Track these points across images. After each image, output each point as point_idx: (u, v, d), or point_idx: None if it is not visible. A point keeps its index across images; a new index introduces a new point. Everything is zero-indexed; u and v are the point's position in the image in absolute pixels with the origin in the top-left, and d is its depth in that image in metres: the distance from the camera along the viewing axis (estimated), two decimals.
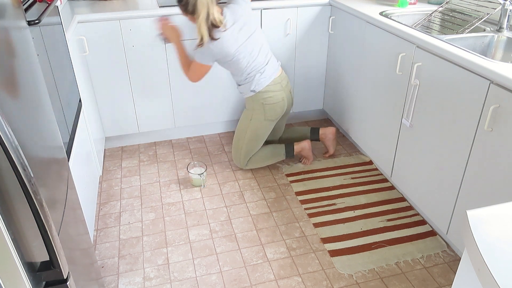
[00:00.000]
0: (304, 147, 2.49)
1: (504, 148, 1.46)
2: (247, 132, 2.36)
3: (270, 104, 2.28)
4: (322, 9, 2.64)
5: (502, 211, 0.77)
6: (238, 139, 2.41)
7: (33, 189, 0.87)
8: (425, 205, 1.98)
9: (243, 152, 2.41)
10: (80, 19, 2.28)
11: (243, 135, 2.37)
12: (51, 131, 1.22)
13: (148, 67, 2.52)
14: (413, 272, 1.82)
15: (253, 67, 2.21)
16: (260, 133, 2.36)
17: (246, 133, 2.36)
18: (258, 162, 2.46)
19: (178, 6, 2.09)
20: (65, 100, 1.78)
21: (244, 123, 2.36)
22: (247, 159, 2.43)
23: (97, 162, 2.34)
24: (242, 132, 2.38)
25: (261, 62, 2.22)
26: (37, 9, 1.57)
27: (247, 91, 2.28)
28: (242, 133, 2.38)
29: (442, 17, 2.32)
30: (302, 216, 2.14)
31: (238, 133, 2.41)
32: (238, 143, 2.41)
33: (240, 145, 2.41)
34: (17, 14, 1.10)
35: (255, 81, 2.23)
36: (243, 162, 2.44)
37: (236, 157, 2.46)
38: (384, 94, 2.19)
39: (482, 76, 1.53)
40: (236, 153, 2.44)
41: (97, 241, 2.01)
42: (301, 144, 2.49)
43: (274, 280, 1.79)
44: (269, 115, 2.31)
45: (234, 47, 2.13)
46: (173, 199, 2.28)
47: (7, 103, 0.90)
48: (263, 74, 2.23)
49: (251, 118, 2.33)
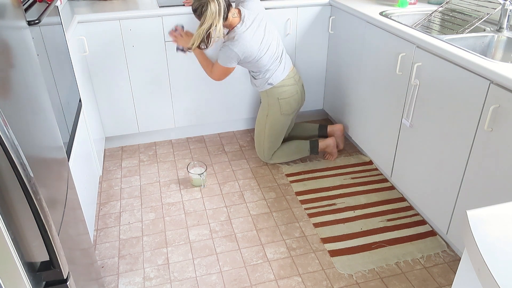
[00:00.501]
0: (329, 144, 2.55)
1: (504, 148, 1.46)
2: (265, 128, 2.43)
3: (285, 98, 2.35)
4: (322, 9, 2.64)
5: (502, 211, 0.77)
6: (259, 135, 2.47)
7: (33, 189, 0.87)
8: (425, 205, 1.98)
9: (266, 147, 2.47)
10: (80, 19, 2.28)
11: (263, 131, 2.44)
12: (51, 131, 1.22)
13: (148, 67, 2.52)
14: (413, 272, 1.82)
15: (273, 61, 2.26)
16: (279, 128, 2.43)
17: (265, 129, 2.43)
18: (283, 157, 2.52)
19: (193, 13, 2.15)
20: (65, 100, 1.78)
21: (262, 120, 2.43)
22: (271, 153, 2.50)
23: (97, 162, 2.34)
24: (261, 128, 2.45)
25: (279, 55, 2.29)
26: (37, 9, 1.57)
27: (263, 84, 2.32)
28: (261, 129, 2.45)
29: (442, 17, 2.32)
30: (302, 216, 2.14)
31: (257, 129, 2.47)
32: (259, 138, 2.48)
33: (261, 141, 2.47)
34: (17, 14, 1.10)
35: (273, 74, 2.29)
36: (267, 157, 2.51)
37: (260, 152, 2.52)
38: (384, 94, 2.19)
39: (482, 76, 1.53)
40: (259, 148, 2.51)
41: (97, 241, 2.01)
42: (326, 142, 2.55)
43: (274, 280, 1.79)
44: (285, 109, 2.37)
45: (257, 45, 2.18)
46: (173, 199, 2.28)
47: (7, 103, 0.90)
48: (280, 67, 2.30)
49: (267, 114, 2.40)
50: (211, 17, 2.05)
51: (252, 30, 2.15)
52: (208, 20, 2.06)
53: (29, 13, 1.46)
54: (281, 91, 2.33)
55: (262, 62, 2.24)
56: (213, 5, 2.03)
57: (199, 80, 2.64)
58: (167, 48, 2.49)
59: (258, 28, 2.17)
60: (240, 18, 2.16)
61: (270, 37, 2.24)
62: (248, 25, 2.14)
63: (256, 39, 2.17)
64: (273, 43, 2.26)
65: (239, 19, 2.16)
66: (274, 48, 2.26)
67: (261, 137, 2.46)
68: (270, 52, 2.24)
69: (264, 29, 2.21)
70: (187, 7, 2.41)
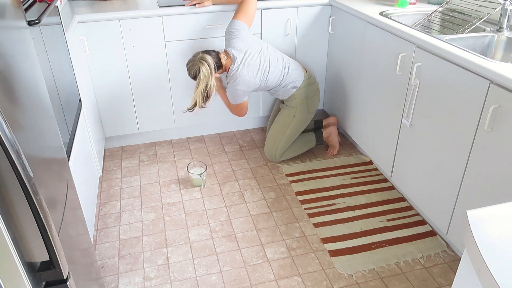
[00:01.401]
0: (331, 132, 2.63)
1: (504, 148, 1.46)
2: (289, 128, 2.49)
3: (312, 97, 2.47)
4: (322, 9, 2.64)
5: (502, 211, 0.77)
6: (277, 135, 2.51)
7: (33, 189, 0.87)
8: (425, 205, 1.98)
9: (280, 146, 2.51)
10: (80, 19, 2.28)
11: (284, 130, 2.49)
12: (51, 131, 1.22)
13: (148, 67, 2.52)
14: (413, 272, 1.82)
15: (282, 75, 2.37)
16: (300, 127, 2.52)
17: (288, 129, 2.49)
18: (292, 152, 2.57)
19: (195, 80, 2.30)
20: (65, 100, 1.78)
21: (287, 120, 2.48)
22: (282, 151, 2.54)
23: (97, 162, 2.34)
24: (283, 128, 2.50)
25: (285, 65, 2.38)
26: (37, 9, 1.57)
27: (288, 92, 2.43)
28: (283, 129, 2.49)
29: (442, 17, 2.32)
30: (302, 216, 2.14)
31: (278, 129, 2.51)
32: (277, 138, 2.51)
33: (278, 140, 2.51)
34: (17, 14, 1.10)
35: (292, 79, 2.38)
36: (278, 156, 2.54)
37: (271, 151, 2.54)
38: (384, 94, 2.19)
39: (482, 76, 1.53)
40: (273, 147, 2.53)
41: (97, 241, 2.01)
42: (328, 130, 2.63)
43: (274, 280, 1.79)
44: (311, 107, 2.49)
45: (255, 74, 2.30)
46: (173, 199, 2.28)
47: (7, 103, 0.90)
48: (294, 71, 2.39)
49: (295, 115, 2.46)
50: (205, 78, 2.23)
51: (245, 64, 2.28)
52: (203, 82, 2.23)
53: (29, 13, 1.46)
54: (307, 90, 2.44)
55: (271, 82, 2.37)
56: (204, 68, 2.22)
57: None
58: (167, 48, 2.50)
59: (251, 59, 2.29)
60: (231, 59, 2.30)
61: (267, 59, 2.33)
62: (239, 61, 2.28)
63: (253, 69, 2.29)
64: (273, 59, 2.34)
65: (231, 60, 2.30)
66: (275, 64, 2.34)
67: (279, 137, 2.50)
68: (273, 69, 2.34)
69: (258, 56, 2.31)
70: (187, 7, 2.41)
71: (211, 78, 2.24)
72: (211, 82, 2.24)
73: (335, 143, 2.64)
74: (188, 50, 2.53)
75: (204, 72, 2.21)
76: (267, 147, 2.56)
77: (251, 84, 2.31)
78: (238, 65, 2.27)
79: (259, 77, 2.30)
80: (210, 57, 2.24)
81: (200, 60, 2.23)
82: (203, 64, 2.22)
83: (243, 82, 2.29)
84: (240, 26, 2.30)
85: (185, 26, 2.45)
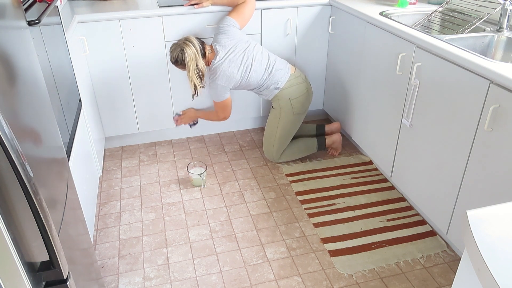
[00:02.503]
0: (335, 140, 2.61)
1: (504, 148, 1.46)
2: (277, 130, 2.47)
3: (296, 98, 2.41)
4: (322, 9, 2.64)
5: (502, 211, 0.77)
6: (269, 137, 2.50)
7: (33, 189, 0.87)
8: (425, 205, 1.98)
9: (275, 148, 2.51)
10: (80, 19, 2.28)
11: (274, 133, 2.48)
12: (51, 131, 1.22)
13: (148, 67, 2.52)
14: (413, 272, 1.82)
15: (265, 74, 2.35)
16: (291, 129, 2.49)
17: (277, 131, 2.47)
18: (292, 155, 2.55)
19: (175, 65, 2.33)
20: (65, 100, 1.78)
21: (274, 123, 2.47)
22: (280, 153, 2.53)
23: (97, 162, 2.34)
24: (272, 131, 2.48)
25: (270, 64, 2.36)
26: (37, 9, 1.57)
27: (271, 92, 2.41)
28: (272, 132, 2.48)
29: (442, 17, 2.32)
30: (302, 216, 2.14)
31: (268, 131, 2.50)
32: (269, 140, 2.51)
33: (271, 142, 2.51)
34: (17, 14, 1.10)
35: (275, 79, 2.36)
36: (276, 157, 2.54)
37: (268, 152, 2.54)
38: (384, 94, 2.19)
39: (482, 76, 1.53)
40: (268, 149, 2.53)
41: (97, 241, 2.01)
42: (332, 138, 2.61)
43: (274, 280, 1.79)
44: (297, 108, 2.43)
45: (236, 70, 2.29)
46: (173, 199, 2.28)
47: (7, 103, 0.90)
48: (278, 72, 2.36)
49: (280, 117, 2.44)
50: (193, 59, 2.24)
51: (226, 60, 2.28)
52: (191, 63, 2.25)
53: (29, 13, 1.46)
54: (291, 91, 2.39)
55: (253, 81, 2.35)
56: (188, 49, 2.23)
57: None
58: (167, 48, 2.50)
59: (234, 55, 2.29)
60: (214, 53, 2.32)
61: (251, 57, 2.32)
62: (221, 57, 2.28)
63: (234, 65, 2.29)
64: (257, 58, 2.33)
65: (214, 54, 2.32)
66: (259, 63, 2.33)
67: (271, 139, 2.49)
68: (256, 68, 2.32)
69: (242, 53, 2.30)
70: (186, 7, 2.41)
71: (198, 58, 2.25)
72: (200, 62, 2.25)
73: (338, 148, 2.64)
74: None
75: (190, 54, 2.22)
76: (264, 148, 2.57)
77: (231, 79, 2.30)
78: (219, 59, 2.27)
79: (240, 73, 2.30)
80: (195, 39, 2.25)
81: (184, 42, 2.24)
82: (188, 45, 2.22)
83: (223, 76, 2.28)
84: (230, 23, 2.32)
85: (185, 26, 2.45)
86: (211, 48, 2.33)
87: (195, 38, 2.27)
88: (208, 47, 2.33)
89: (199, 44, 2.26)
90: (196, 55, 2.24)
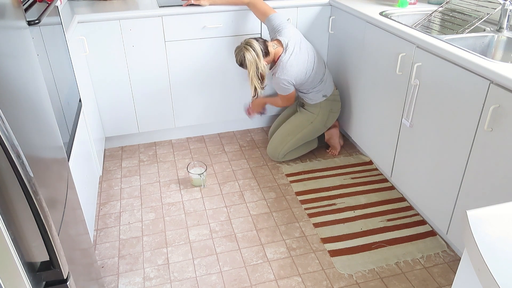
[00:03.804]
0: (332, 134, 2.62)
1: (504, 148, 1.46)
2: (301, 132, 2.49)
3: (335, 112, 2.52)
4: (322, 9, 2.64)
5: (502, 211, 0.76)
6: (288, 134, 2.51)
7: (33, 189, 0.87)
8: (425, 205, 1.98)
9: (286, 147, 2.51)
10: (80, 19, 2.28)
11: (296, 133, 2.50)
12: (51, 131, 1.22)
13: (148, 67, 2.52)
14: (413, 272, 1.82)
15: (320, 76, 2.40)
16: (313, 135, 2.54)
17: (300, 133, 2.49)
18: (295, 153, 2.58)
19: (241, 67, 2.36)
20: (65, 100, 1.78)
21: (303, 124, 2.50)
22: (286, 152, 2.53)
23: (97, 162, 2.34)
24: (296, 130, 2.50)
25: (325, 72, 2.44)
26: (37, 9, 1.57)
27: (318, 98, 2.44)
28: (295, 131, 2.50)
29: (442, 17, 2.32)
30: (302, 216, 2.14)
31: (290, 129, 2.51)
32: (286, 138, 2.51)
33: (286, 140, 2.51)
34: (17, 14, 1.10)
35: (325, 87, 2.43)
36: (281, 155, 2.54)
37: (276, 149, 2.53)
38: (384, 94, 2.19)
39: (482, 76, 1.53)
40: (279, 146, 2.53)
41: (97, 241, 2.01)
42: (330, 131, 2.63)
43: (274, 280, 1.79)
44: (329, 122, 2.52)
45: (303, 67, 2.33)
46: (173, 199, 2.28)
47: (7, 103, 0.90)
48: (328, 80, 2.46)
49: (313, 121, 2.49)
50: (253, 63, 2.24)
51: (295, 55, 2.30)
52: (251, 67, 2.25)
53: (29, 13, 1.46)
54: (333, 104, 2.49)
55: (313, 80, 2.38)
56: (248, 54, 2.23)
57: (199, 80, 2.64)
58: (167, 48, 2.50)
59: (300, 51, 2.31)
60: (282, 47, 2.31)
61: (312, 55, 2.36)
62: (290, 51, 2.29)
63: (301, 62, 2.31)
64: (316, 59, 2.38)
65: (282, 48, 2.31)
66: (316, 64, 2.37)
67: (288, 137, 2.50)
68: (316, 69, 2.37)
69: (306, 50, 2.34)
70: (186, 7, 2.41)
71: (259, 61, 2.25)
72: (260, 64, 2.26)
73: (337, 144, 2.64)
74: (188, 50, 2.53)
75: (249, 58, 2.23)
76: (271, 146, 2.55)
77: (297, 76, 2.32)
78: (290, 54, 2.28)
79: (304, 70, 2.32)
80: (256, 42, 2.25)
81: (245, 46, 2.25)
82: (248, 50, 2.23)
83: (290, 73, 2.29)
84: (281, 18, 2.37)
85: (185, 26, 2.45)
86: (278, 42, 2.32)
87: (255, 40, 2.26)
88: (271, 43, 2.32)
89: (259, 45, 2.25)
90: (255, 58, 2.24)
